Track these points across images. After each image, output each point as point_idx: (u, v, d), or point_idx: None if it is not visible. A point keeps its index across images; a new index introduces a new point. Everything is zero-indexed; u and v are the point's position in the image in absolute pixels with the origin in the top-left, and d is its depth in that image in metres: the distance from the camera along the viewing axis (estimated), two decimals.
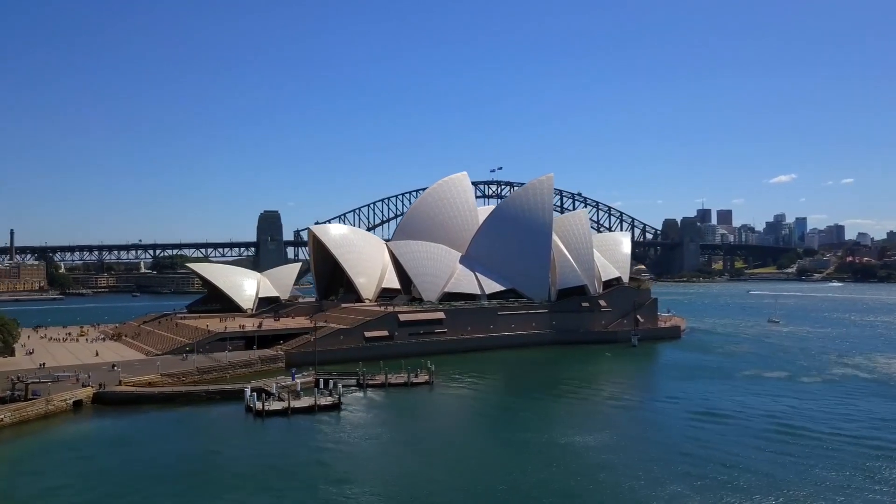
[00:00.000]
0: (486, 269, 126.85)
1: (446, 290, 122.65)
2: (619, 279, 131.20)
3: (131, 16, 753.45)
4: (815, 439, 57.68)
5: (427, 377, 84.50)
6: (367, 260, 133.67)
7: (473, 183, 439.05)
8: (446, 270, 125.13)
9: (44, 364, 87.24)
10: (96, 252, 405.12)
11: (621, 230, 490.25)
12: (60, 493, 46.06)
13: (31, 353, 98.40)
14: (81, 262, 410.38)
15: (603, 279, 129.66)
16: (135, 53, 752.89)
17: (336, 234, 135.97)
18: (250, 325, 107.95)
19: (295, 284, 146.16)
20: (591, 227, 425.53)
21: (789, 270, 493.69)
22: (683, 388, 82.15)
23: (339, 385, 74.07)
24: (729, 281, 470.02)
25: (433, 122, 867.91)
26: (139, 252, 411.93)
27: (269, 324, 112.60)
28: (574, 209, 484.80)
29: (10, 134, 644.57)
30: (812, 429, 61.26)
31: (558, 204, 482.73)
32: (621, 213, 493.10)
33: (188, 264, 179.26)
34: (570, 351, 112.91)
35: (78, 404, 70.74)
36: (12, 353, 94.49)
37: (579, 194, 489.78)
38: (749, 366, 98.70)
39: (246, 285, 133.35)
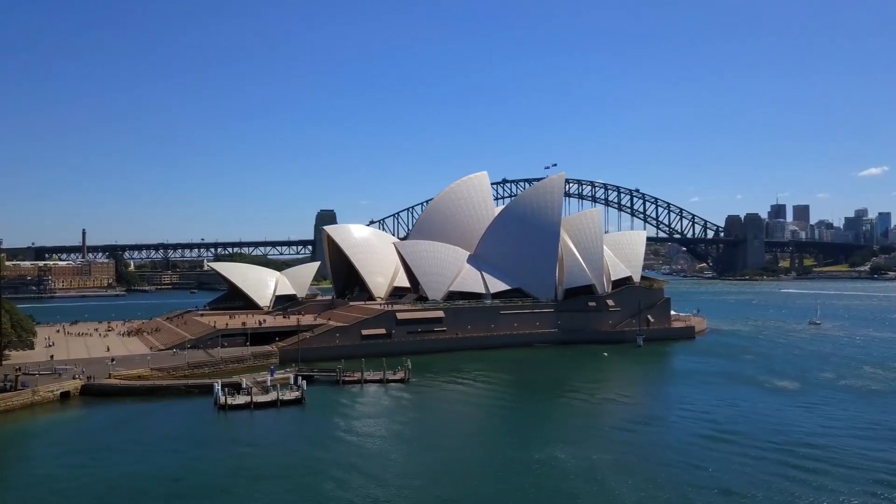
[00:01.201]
0: (493, 268, 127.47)
1: (451, 289, 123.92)
2: (629, 279, 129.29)
3: (199, 19, 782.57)
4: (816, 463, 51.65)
5: (402, 375, 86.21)
6: (382, 259, 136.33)
7: (525, 180, 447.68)
8: (453, 270, 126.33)
9: (52, 357, 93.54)
10: (161, 250, 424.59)
11: (681, 227, 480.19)
12: None
13: (51, 346, 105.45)
14: (148, 259, 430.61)
15: (613, 278, 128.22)
16: (194, 60, 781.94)
17: (349, 234, 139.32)
18: (253, 322, 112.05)
19: (315, 283, 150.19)
20: (651, 224, 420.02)
21: (862, 269, 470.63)
22: (668, 394, 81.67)
23: (304, 381, 76.70)
24: (795, 279, 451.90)
25: (489, 117, 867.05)
26: (201, 250, 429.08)
27: (275, 321, 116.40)
28: (632, 206, 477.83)
29: (83, 138, 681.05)
30: (819, 446, 55.80)
31: (615, 200, 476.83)
32: (681, 210, 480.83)
33: (209, 263, 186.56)
34: (569, 351, 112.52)
35: (65, 395, 75.75)
36: (31, 347, 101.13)
37: (637, 190, 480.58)
38: (756, 371, 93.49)
39: (264, 283, 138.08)
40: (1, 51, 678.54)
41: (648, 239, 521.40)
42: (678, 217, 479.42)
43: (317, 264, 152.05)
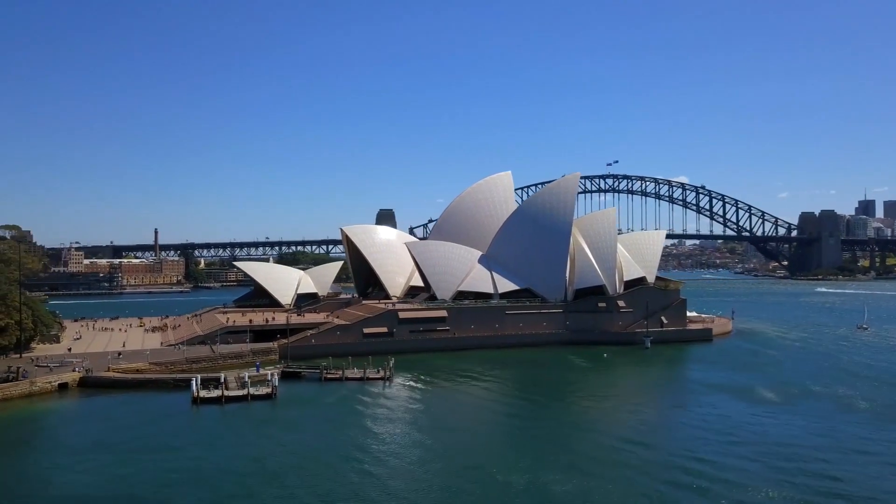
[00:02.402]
0: (503, 268, 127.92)
1: (460, 288, 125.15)
2: (643, 279, 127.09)
3: (253, 22, 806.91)
4: None
5: (382, 373, 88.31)
6: (399, 259, 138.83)
7: (586, 177, 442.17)
8: (463, 269, 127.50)
9: (70, 350, 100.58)
10: (229, 249, 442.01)
11: (749, 225, 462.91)
12: None
13: (78, 339, 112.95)
14: (217, 258, 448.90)
15: (626, 279, 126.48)
16: (265, 64, 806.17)
17: (367, 235, 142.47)
18: (261, 319, 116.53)
19: (342, 282, 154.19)
20: (717, 221, 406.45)
21: None
22: (656, 403, 77.68)
23: (277, 377, 79.92)
24: (875, 279, 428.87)
25: (552, 115, 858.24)
26: (266, 249, 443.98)
27: (284, 318, 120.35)
28: (697, 203, 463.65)
29: (156, 141, 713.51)
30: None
31: (680, 198, 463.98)
32: (749, 207, 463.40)
33: (235, 263, 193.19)
34: (571, 352, 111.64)
35: (63, 386, 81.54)
36: (57, 340, 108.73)
37: (702, 187, 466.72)
38: (756, 381, 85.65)
39: (288, 282, 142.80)
40: (86, 60, 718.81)
41: (713, 237, 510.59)
42: (747, 214, 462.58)
43: (339, 264, 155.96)
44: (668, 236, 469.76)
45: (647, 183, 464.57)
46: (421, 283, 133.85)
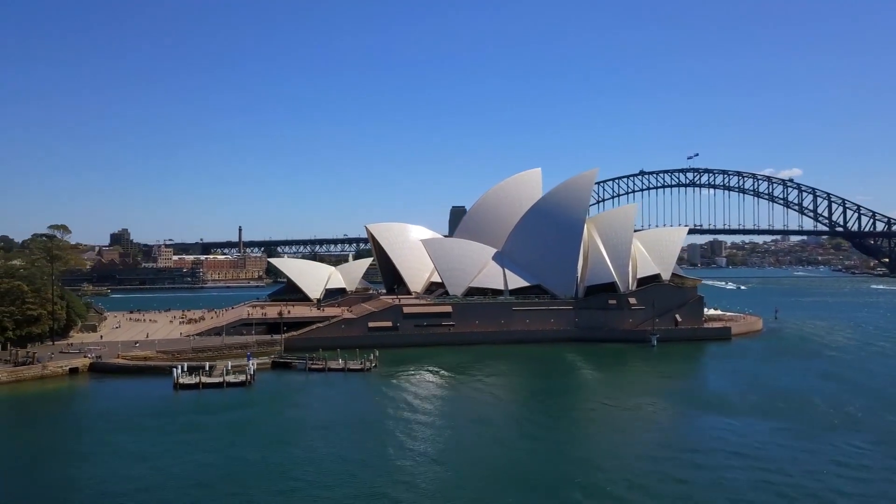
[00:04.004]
0: (516, 264, 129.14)
1: (472, 285, 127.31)
2: (657, 276, 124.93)
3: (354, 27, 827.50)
4: None
5: (362, 364, 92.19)
6: (422, 256, 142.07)
7: (664, 171, 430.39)
8: (476, 266, 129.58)
9: (102, 337, 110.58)
10: (309, 245, 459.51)
11: (844, 219, 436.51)
12: None
13: (117, 328, 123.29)
14: (299, 254, 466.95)
15: (640, 276, 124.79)
16: (334, 62, 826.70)
17: (390, 232, 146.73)
18: (274, 313, 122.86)
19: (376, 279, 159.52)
20: (807, 216, 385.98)
21: None
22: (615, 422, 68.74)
23: (253, 367, 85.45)
24: None
25: (628, 109, 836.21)
26: (345, 245, 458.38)
27: (300, 312, 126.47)
28: (785, 197, 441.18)
29: (239, 141, 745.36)
30: None
31: (766, 191, 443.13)
32: (843, 200, 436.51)
33: (270, 259, 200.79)
34: (574, 349, 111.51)
35: (74, 371, 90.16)
36: (94, 330, 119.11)
37: (791, 180, 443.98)
38: (745, 391, 78.66)
39: (318, 277, 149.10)
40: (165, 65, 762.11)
41: (797, 233, 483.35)
42: (841, 208, 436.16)
43: (369, 260, 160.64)
44: (743, 232, 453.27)
45: (731, 176, 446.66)
46: (440, 280, 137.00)
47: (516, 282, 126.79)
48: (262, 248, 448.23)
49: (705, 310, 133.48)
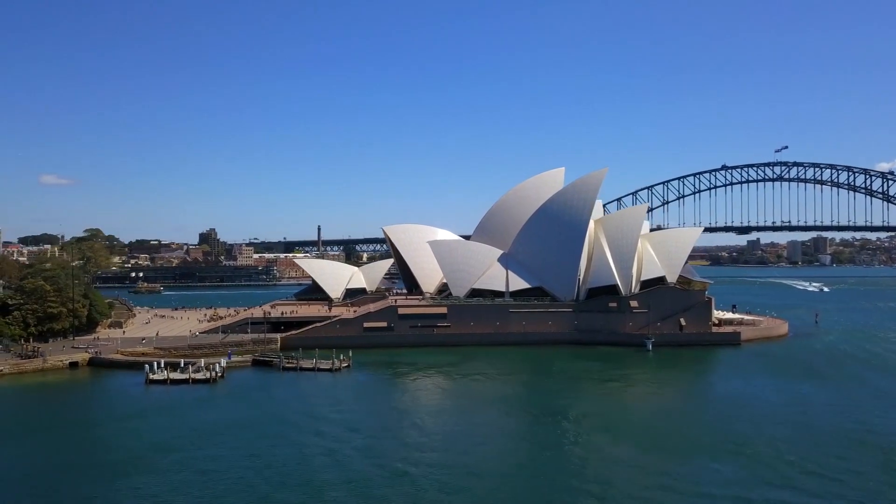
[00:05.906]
0: (520, 266, 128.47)
1: (475, 286, 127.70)
2: (662, 278, 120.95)
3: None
4: None
5: (332, 364, 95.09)
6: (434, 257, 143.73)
7: (749, 165, 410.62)
8: (480, 268, 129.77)
9: (124, 332, 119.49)
10: (382, 244, 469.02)
11: None
12: None
13: (147, 324, 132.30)
14: (377, 252, 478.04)
15: (644, 278, 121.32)
16: (415, 63, 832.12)
17: (405, 234, 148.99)
18: (277, 312, 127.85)
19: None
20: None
21: None
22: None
23: (221, 364, 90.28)
24: None
25: (712, 101, 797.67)
26: None
27: (307, 311, 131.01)
28: (885, 190, 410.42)
29: (320, 143, 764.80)
30: None
31: (863, 185, 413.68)
32: None
33: (295, 259, 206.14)
34: (568, 353, 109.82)
35: (74, 365, 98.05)
36: (119, 326, 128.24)
37: (891, 173, 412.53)
38: (782, 422, 66.38)
39: (340, 277, 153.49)
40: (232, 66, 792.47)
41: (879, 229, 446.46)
42: None
43: (390, 261, 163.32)
44: (823, 228, 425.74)
45: (823, 170, 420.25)
46: None
47: (517, 283, 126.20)
48: (341, 247, 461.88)
49: (722, 313, 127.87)
